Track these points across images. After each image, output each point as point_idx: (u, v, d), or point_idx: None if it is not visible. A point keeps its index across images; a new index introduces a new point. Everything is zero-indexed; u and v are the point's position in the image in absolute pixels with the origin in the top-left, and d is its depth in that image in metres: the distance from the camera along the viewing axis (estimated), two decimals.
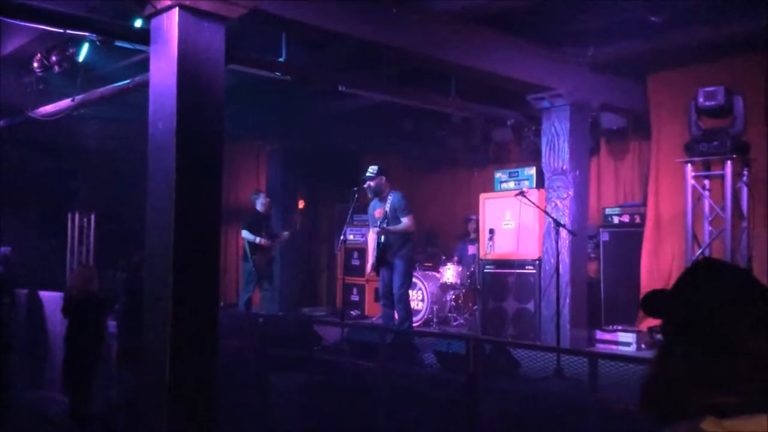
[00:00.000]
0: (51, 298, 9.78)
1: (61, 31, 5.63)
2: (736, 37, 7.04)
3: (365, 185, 7.89)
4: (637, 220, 8.95)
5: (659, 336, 1.49)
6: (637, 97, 8.79)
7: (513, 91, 8.67)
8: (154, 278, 4.91)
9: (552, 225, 8.00)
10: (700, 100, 5.73)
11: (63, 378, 7.56)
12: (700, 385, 1.30)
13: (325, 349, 7.42)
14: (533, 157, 10.43)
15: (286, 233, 10.22)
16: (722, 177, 5.69)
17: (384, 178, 7.86)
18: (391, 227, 7.64)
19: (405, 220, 7.69)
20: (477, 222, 10.77)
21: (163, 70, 4.90)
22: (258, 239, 9.61)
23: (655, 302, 1.48)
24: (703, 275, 1.42)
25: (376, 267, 7.83)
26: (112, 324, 8.31)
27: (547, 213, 7.62)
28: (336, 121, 11.16)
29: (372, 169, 7.84)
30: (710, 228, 5.99)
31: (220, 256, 5.14)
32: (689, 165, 5.88)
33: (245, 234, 9.71)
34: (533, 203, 7.79)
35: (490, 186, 10.77)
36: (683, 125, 8.01)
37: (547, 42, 7.74)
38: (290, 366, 6.97)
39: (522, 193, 7.52)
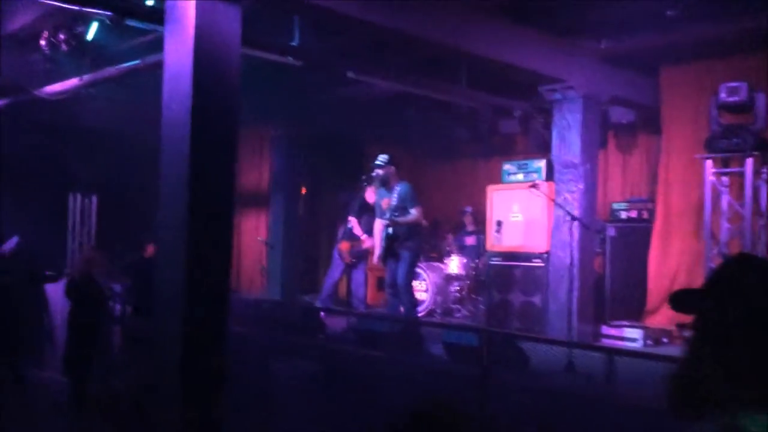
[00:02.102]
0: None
1: (75, 7, 5.51)
2: (752, 32, 6.97)
3: (374, 173, 7.81)
4: (645, 215, 8.89)
5: (687, 332, 1.44)
6: (649, 91, 8.72)
7: (522, 83, 8.59)
8: (167, 262, 4.83)
9: (563, 218, 7.96)
10: (722, 95, 5.65)
11: (63, 360, 7.49)
12: (736, 380, 1.28)
13: (330, 337, 7.38)
14: (540, 149, 10.35)
15: None
16: (741, 174, 5.62)
17: (393, 168, 7.78)
18: (400, 218, 7.57)
19: (413, 212, 7.62)
20: (473, 213, 10.72)
21: (178, 50, 4.80)
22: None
23: (687, 299, 1.44)
24: (745, 270, 1.38)
25: (384, 257, 7.78)
26: (116, 307, 8.26)
27: (561, 206, 7.55)
28: (341, 109, 11.05)
29: (382, 158, 7.76)
30: (728, 225, 5.93)
31: (233, 239, 5.07)
32: (708, 161, 5.80)
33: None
34: (547, 196, 7.71)
35: (495, 177, 10.69)
36: (696, 121, 7.96)
37: (561, 33, 7.66)
38: (295, 353, 6.92)
39: (535, 186, 7.45)
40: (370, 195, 9.40)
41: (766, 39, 6.59)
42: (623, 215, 9.10)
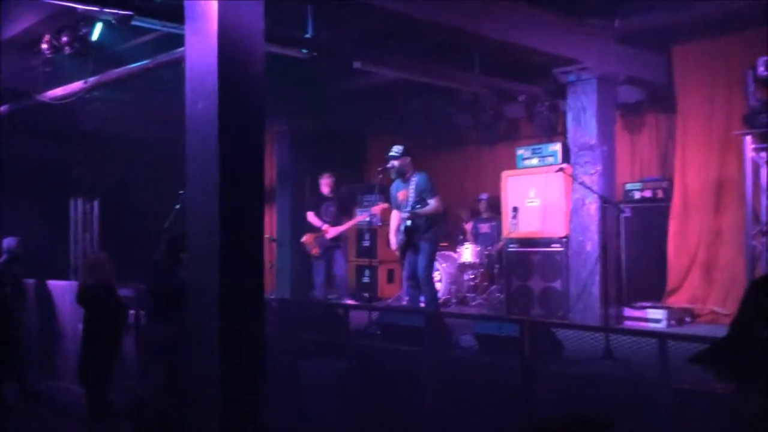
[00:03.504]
0: (59, 287, 9.54)
1: (89, 7, 5.33)
2: (764, 6, 6.88)
3: (389, 165, 7.68)
4: (660, 194, 8.81)
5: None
6: (661, 69, 8.63)
7: (530, 66, 8.48)
8: (198, 267, 4.68)
9: (581, 201, 7.89)
10: (760, 69, 5.57)
11: (79, 369, 7.32)
12: None
13: (353, 333, 7.25)
14: (546, 133, 10.27)
15: None
16: None
17: (409, 158, 7.65)
18: (420, 210, 7.46)
19: (432, 202, 7.51)
20: (488, 200, 10.62)
21: (201, 47, 4.64)
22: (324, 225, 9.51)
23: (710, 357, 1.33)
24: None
25: (402, 250, 7.67)
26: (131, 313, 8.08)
27: (590, 188, 7.43)
28: (343, 101, 10.93)
29: (397, 149, 7.62)
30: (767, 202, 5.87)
31: (264, 240, 4.93)
32: (748, 137, 5.72)
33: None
34: (576, 180, 7.63)
35: (501, 163, 10.61)
36: (713, 97, 7.88)
37: (574, 14, 7.56)
38: (322, 351, 6.80)
39: (562, 169, 7.35)
40: (324, 185, 9.67)
41: None
42: (637, 195, 9.02)
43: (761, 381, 1.22)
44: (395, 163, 7.63)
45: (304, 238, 9.68)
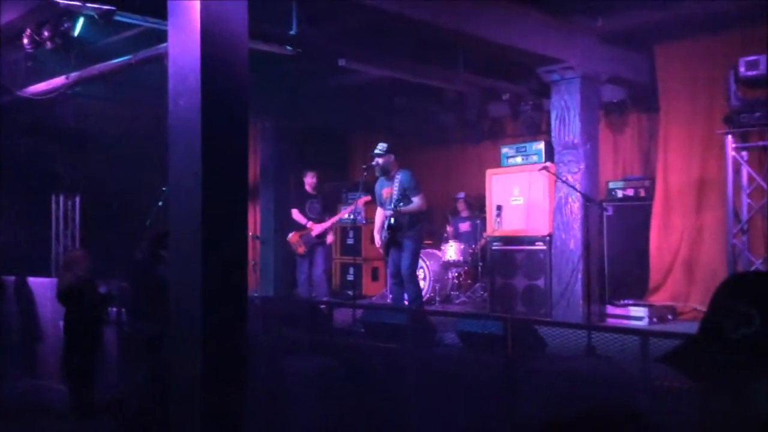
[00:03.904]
0: (40, 284, 9.44)
1: (73, 2, 5.27)
2: (746, 7, 6.95)
3: (373, 162, 7.68)
4: (642, 193, 8.88)
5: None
6: (644, 69, 8.69)
7: (515, 65, 8.50)
8: (181, 264, 4.65)
9: (564, 200, 7.94)
10: (741, 69, 5.61)
11: (62, 367, 7.27)
12: None
13: (337, 331, 7.24)
14: (530, 131, 10.33)
15: None
16: (763, 148, 5.60)
17: (393, 156, 7.66)
18: (403, 208, 7.46)
19: (416, 200, 7.52)
20: (466, 199, 10.66)
21: (184, 43, 4.60)
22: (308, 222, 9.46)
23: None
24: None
25: (386, 248, 7.68)
26: (112, 311, 8.02)
27: (573, 187, 7.48)
28: (327, 98, 10.91)
29: (381, 147, 7.62)
30: (748, 201, 5.91)
31: (248, 236, 4.91)
32: (729, 137, 5.77)
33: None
34: (559, 178, 7.67)
35: (485, 162, 10.65)
36: (695, 97, 7.95)
37: (558, 13, 7.59)
38: (304, 349, 6.78)
39: (546, 168, 7.38)
40: (308, 183, 9.62)
41: (761, 12, 6.58)
42: (619, 194, 9.09)
43: (730, 381, 1.23)
44: (379, 160, 7.63)
45: (290, 237, 9.62)
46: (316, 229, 9.40)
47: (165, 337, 5.27)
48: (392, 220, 7.52)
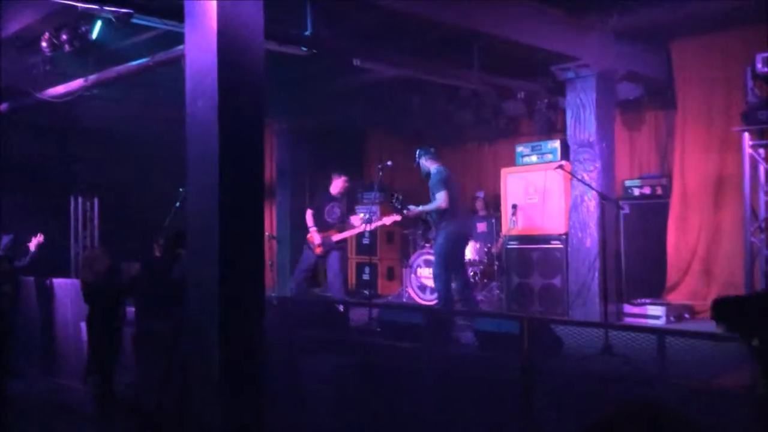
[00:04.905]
0: (60, 285, 9.54)
1: (90, 6, 5.33)
2: (763, 3, 6.89)
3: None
4: (659, 191, 8.82)
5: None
6: (660, 66, 8.64)
7: (529, 63, 8.49)
8: (198, 264, 4.69)
9: (580, 198, 7.91)
10: (758, 65, 5.57)
11: (88, 366, 7.33)
12: None
13: (353, 330, 7.27)
14: (545, 130, 10.28)
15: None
16: None
17: (424, 158, 7.78)
18: (413, 207, 7.56)
19: (437, 197, 7.51)
20: (485, 199, 10.63)
21: (200, 45, 4.65)
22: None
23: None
24: None
25: None
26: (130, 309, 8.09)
27: (589, 185, 7.46)
28: (342, 98, 10.93)
29: (417, 153, 7.87)
30: (766, 198, 5.87)
31: (264, 236, 4.95)
32: (746, 133, 5.74)
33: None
34: (575, 177, 7.66)
35: (501, 160, 10.63)
36: (712, 94, 7.89)
37: (572, 10, 7.56)
38: (322, 348, 6.80)
39: (561, 167, 7.36)
40: (338, 185, 9.20)
41: None
42: (636, 192, 9.03)
43: None
44: (420, 166, 7.84)
45: (312, 236, 9.31)
46: (336, 237, 9.14)
47: (182, 334, 5.32)
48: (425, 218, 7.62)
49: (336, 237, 9.17)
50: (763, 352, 1.34)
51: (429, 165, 7.71)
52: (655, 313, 7.87)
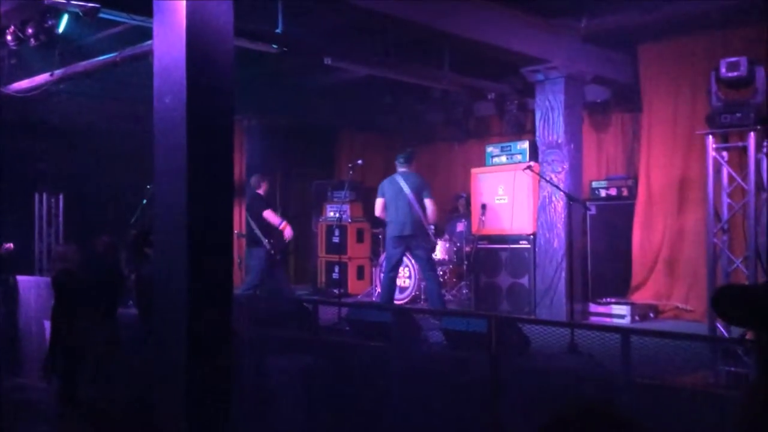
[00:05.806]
0: (24, 282, 9.41)
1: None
2: (728, 9, 7.04)
3: None
4: (625, 193, 8.95)
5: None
6: (627, 69, 8.77)
7: (498, 65, 8.56)
8: (166, 262, 4.64)
9: (548, 199, 8.00)
10: (722, 70, 5.68)
11: (49, 361, 7.20)
12: None
13: (322, 329, 7.25)
14: (515, 131, 10.38)
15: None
16: (743, 149, 5.69)
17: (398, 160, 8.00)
18: None
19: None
20: (467, 199, 10.69)
21: (169, 41, 4.59)
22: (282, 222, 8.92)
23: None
24: None
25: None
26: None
27: (556, 186, 7.56)
28: (314, 96, 10.91)
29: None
30: (729, 201, 5.99)
31: (233, 236, 4.92)
32: (710, 137, 5.85)
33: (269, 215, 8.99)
34: (543, 178, 7.74)
35: (471, 160, 10.69)
36: (678, 97, 8.03)
37: (541, 13, 7.64)
38: (290, 347, 6.79)
39: (530, 168, 7.43)
40: (264, 188, 9.06)
41: (749, 12, 6.66)
42: (603, 193, 9.16)
43: None
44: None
45: (288, 228, 9.00)
46: (288, 231, 8.86)
47: (150, 334, 5.27)
48: None
49: (287, 233, 8.93)
50: (763, 343, 1.38)
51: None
52: (620, 313, 7.99)
